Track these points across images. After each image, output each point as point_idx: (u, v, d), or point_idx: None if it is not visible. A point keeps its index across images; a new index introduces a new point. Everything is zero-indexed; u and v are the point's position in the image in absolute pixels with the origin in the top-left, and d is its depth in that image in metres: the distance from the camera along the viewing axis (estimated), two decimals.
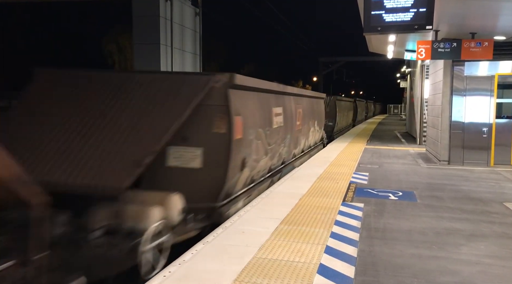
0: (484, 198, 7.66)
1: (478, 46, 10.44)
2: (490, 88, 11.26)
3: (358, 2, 8.97)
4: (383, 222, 6.00)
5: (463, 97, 11.48)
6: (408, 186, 8.62)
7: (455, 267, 4.35)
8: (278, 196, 7.38)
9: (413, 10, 7.53)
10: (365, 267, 4.32)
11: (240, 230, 5.37)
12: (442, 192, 8.09)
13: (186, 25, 18.64)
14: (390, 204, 7.09)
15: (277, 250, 4.67)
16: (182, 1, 18.14)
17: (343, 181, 8.94)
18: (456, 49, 10.55)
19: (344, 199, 7.27)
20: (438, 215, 6.44)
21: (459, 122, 11.56)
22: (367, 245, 4.97)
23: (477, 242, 5.17)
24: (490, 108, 11.30)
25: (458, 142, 11.60)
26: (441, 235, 5.44)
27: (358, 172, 10.12)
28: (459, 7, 8.66)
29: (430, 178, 9.63)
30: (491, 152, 11.38)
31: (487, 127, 11.34)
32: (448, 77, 11.59)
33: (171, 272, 4.03)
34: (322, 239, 5.08)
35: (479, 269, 4.32)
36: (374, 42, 14.64)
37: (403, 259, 4.58)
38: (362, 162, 11.91)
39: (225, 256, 4.47)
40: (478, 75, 11.33)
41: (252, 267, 4.19)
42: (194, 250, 4.64)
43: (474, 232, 5.61)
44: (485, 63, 11.19)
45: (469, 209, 6.85)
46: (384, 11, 7.71)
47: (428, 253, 4.76)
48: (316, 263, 4.32)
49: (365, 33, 8.12)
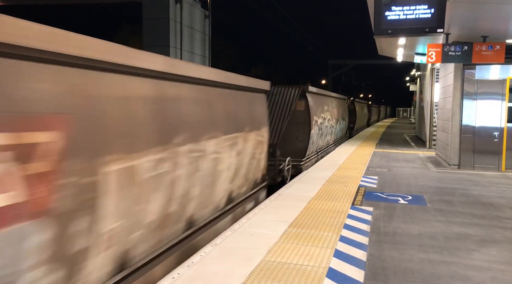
0: (495, 203, 7.56)
1: (489, 50, 10.34)
2: (501, 92, 11.15)
3: (369, 4, 8.93)
4: (393, 226, 5.95)
5: (474, 101, 11.37)
6: (418, 190, 8.55)
7: (466, 273, 4.30)
8: (287, 198, 7.36)
9: (424, 13, 7.49)
10: (374, 271, 4.28)
11: (249, 232, 5.36)
12: (452, 197, 8.01)
13: (195, 27, 18.71)
14: (399, 208, 7.04)
15: (285, 253, 4.65)
16: (191, 3, 18.24)
17: (352, 184, 8.89)
18: (467, 53, 10.47)
19: (353, 202, 7.22)
20: (449, 219, 6.37)
21: (470, 126, 11.45)
22: (376, 249, 4.93)
23: (489, 248, 5.10)
24: (501, 112, 11.18)
25: (468, 146, 11.49)
26: (452, 240, 5.37)
27: (367, 176, 10.06)
28: (471, 10, 8.59)
29: (440, 182, 9.54)
30: (502, 156, 11.26)
31: (498, 132, 11.22)
32: (458, 81, 11.50)
33: (180, 274, 4.03)
34: (331, 243, 5.04)
35: (490, 275, 4.26)
36: (384, 45, 14.56)
37: (413, 263, 4.53)
38: (371, 165, 11.84)
39: (233, 258, 4.46)
40: (489, 79, 11.23)
41: (260, 270, 4.17)
42: (202, 252, 4.63)
43: (485, 237, 5.53)
44: (497, 67, 11.08)
45: (480, 214, 6.77)
46: (395, 14, 7.67)
47: (438, 258, 4.70)
48: (325, 267, 4.29)
49: (375, 36, 8.09)
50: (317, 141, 14.36)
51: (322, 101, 15.19)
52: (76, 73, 3.31)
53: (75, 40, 3.20)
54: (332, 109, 17.94)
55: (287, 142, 12.50)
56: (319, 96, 14.84)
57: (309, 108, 12.91)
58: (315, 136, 13.72)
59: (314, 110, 13.40)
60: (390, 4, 7.65)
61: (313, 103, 13.41)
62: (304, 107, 12.78)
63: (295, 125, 12.69)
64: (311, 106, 13.11)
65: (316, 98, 14.26)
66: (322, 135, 15.17)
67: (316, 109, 13.79)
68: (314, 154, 14.25)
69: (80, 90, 3.33)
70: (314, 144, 13.72)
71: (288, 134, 12.42)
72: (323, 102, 15.39)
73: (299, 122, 12.76)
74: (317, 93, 14.41)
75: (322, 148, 15.84)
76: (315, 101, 13.87)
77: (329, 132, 17.05)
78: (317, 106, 14.13)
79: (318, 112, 14.24)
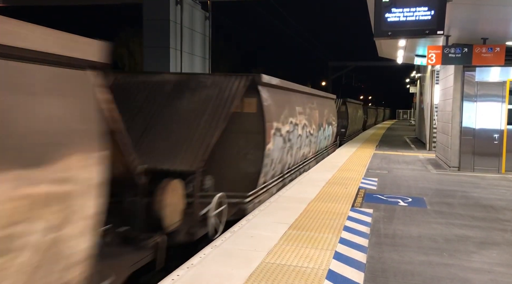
0: (495, 205, 7.55)
1: (489, 52, 10.36)
2: (501, 94, 11.16)
3: (369, 6, 8.94)
4: (393, 228, 5.94)
5: (474, 103, 11.37)
6: (418, 192, 8.54)
7: (466, 275, 4.29)
8: (287, 200, 7.35)
9: (424, 15, 7.49)
10: (374, 273, 4.27)
11: (249, 234, 5.35)
12: (452, 199, 8.00)
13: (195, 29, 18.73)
14: (399, 210, 7.03)
15: (285, 255, 4.64)
16: (192, 5, 18.26)
17: (352, 186, 8.88)
18: (467, 55, 10.48)
19: (353, 204, 7.22)
20: (449, 221, 6.36)
21: (470, 128, 11.45)
22: (376, 251, 4.92)
23: (489, 250, 5.09)
24: (501, 115, 11.18)
25: (468, 148, 11.48)
26: (452, 242, 5.36)
27: (367, 177, 10.05)
28: (471, 12, 8.60)
29: (440, 184, 9.53)
30: (502, 159, 11.25)
31: (498, 134, 11.22)
32: (458, 83, 11.50)
33: (179, 275, 4.02)
34: (331, 245, 5.03)
35: (491, 277, 4.25)
36: (384, 47, 14.58)
37: (413, 266, 4.52)
38: (371, 167, 11.84)
39: (233, 260, 4.45)
40: (489, 81, 11.23)
41: (260, 272, 4.17)
42: (202, 254, 4.62)
43: (485, 239, 5.52)
44: (497, 69, 11.09)
45: (480, 216, 6.76)
46: (395, 15, 7.67)
47: (438, 260, 4.70)
48: (325, 269, 4.28)
49: (375, 37, 8.09)
50: (281, 159, 9.25)
51: (290, 100, 10.12)
52: None
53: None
54: (312, 112, 12.70)
55: (225, 165, 7.57)
56: (284, 92, 9.60)
57: (263, 109, 7.75)
58: (276, 153, 8.65)
59: (273, 112, 8.34)
60: (390, 6, 7.65)
61: (271, 102, 8.33)
62: (256, 107, 7.74)
63: (240, 135, 7.68)
64: (267, 107, 7.95)
65: (279, 95, 9.07)
66: (291, 150, 10.07)
67: (277, 111, 8.70)
68: (276, 180, 9.04)
69: None
70: (274, 165, 8.67)
71: (227, 152, 7.54)
72: (292, 102, 10.29)
73: (246, 132, 7.72)
74: (280, 87, 9.24)
75: (293, 166, 10.77)
76: (276, 99, 8.78)
77: (305, 144, 11.89)
78: (280, 107, 9.00)
79: (283, 116, 9.15)
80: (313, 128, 12.88)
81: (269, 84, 8.38)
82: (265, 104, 7.85)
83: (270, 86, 8.51)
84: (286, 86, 9.85)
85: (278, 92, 9.11)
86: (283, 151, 9.24)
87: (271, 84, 8.52)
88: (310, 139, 12.56)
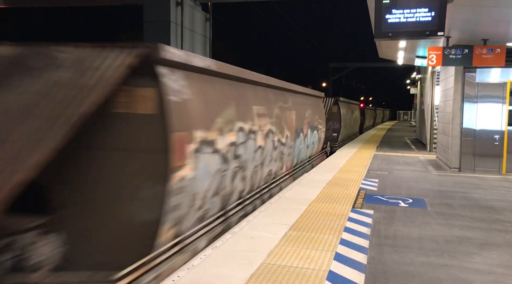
0: (496, 206, 7.55)
1: (490, 53, 10.36)
2: (502, 95, 11.16)
3: (369, 7, 8.95)
4: (393, 229, 5.94)
5: (475, 104, 11.37)
6: (419, 193, 8.54)
7: (467, 276, 4.28)
8: (287, 201, 7.35)
9: (425, 16, 7.49)
10: (375, 274, 4.27)
11: (249, 235, 5.35)
12: (453, 200, 7.99)
13: (196, 30, 18.75)
14: (400, 211, 7.02)
15: (286, 256, 4.64)
16: (192, 6, 18.28)
17: (352, 187, 8.88)
18: (467, 56, 10.48)
19: (354, 205, 7.21)
20: (449, 222, 6.36)
21: (471, 129, 11.45)
22: (377, 252, 4.92)
23: (490, 251, 5.09)
24: (502, 116, 11.18)
25: (469, 149, 11.48)
26: (452, 243, 5.36)
27: (367, 178, 10.05)
28: (471, 13, 8.60)
29: (440, 185, 9.52)
30: (503, 160, 11.25)
31: (499, 135, 11.22)
32: (459, 84, 11.50)
33: (180, 276, 4.02)
34: (331, 246, 5.03)
35: (492, 278, 4.25)
36: (385, 48, 14.59)
37: (414, 267, 4.52)
38: (372, 168, 11.83)
39: (233, 261, 4.45)
40: (490, 82, 11.23)
41: (261, 273, 4.16)
42: (202, 255, 4.62)
43: (486, 240, 5.52)
44: (497, 70, 11.09)
45: (481, 217, 6.75)
46: (395, 17, 7.68)
47: (439, 261, 4.69)
48: (325, 270, 4.28)
49: (375, 39, 8.09)
50: (221, 188, 5.89)
51: (241, 96, 6.89)
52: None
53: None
54: (285, 113, 9.49)
55: (95, 210, 4.40)
56: (226, 83, 6.27)
57: (168, 108, 4.39)
58: (206, 181, 5.35)
59: (194, 114, 5.01)
60: (391, 7, 7.66)
61: (192, 96, 5.06)
62: (155, 106, 4.39)
63: (126, 156, 4.39)
64: (179, 105, 4.65)
65: (213, 85, 5.75)
66: (242, 171, 6.73)
67: (206, 112, 5.41)
68: (209, 223, 5.63)
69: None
70: (202, 202, 5.30)
71: (99, 187, 4.40)
72: (246, 98, 7.09)
73: (137, 150, 4.37)
74: (215, 73, 5.84)
75: (251, 193, 7.41)
76: (206, 92, 5.51)
77: (273, 158, 8.61)
78: (215, 106, 5.68)
79: (221, 120, 5.81)
80: (286, 136, 9.62)
81: (184, 66, 4.91)
82: (173, 100, 4.51)
83: (189, 69, 5.07)
84: (231, 74, 6.34)
85: (211, 82, 5.71)
86: (221, 175, 5.82)
87: (190, 67, 5.06)
88: (281, 151, 9.27)
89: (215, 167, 5.59)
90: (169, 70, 4.61)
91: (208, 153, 5.34)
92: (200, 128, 5.12)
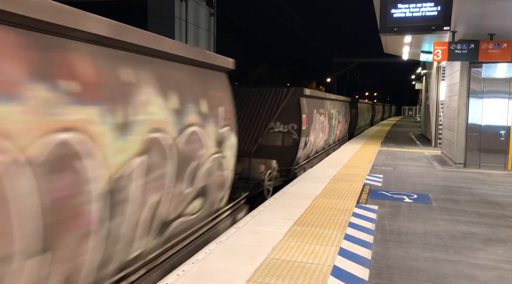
0: (501, 202, 7.52)
1: (496, 48, 10.27)
2: (508, 91, 11.08)
3: (375, 2, 8.89)
4: (398, 224, 5.93)
5: (480, 100, 11.30)
6: (423, 189, 8.51)
7: (472, 272, 4.27)
8: (292, 197, 7.35)
9: (430, 11, 7.44)
10: (379, 270, 4.27)
11: (253, 230, 5.36)
12: (458, 195, 7.97)
13: (200, 25, 18.72)
14: (404, 206, 7.01)
15: (290, 251, 4.65)
16: (197, 1, 18.24)
17: (357, 182, 8.87)
18: (473, 51, 10.40)
19: (358, 200, 7.21)
20: (454, 218, 6.34)
21: (476, 124, 11.39)
22: (381, 248, 4.91)
23: (495, 247, 5.07)
24: (508, 111, 11.11)
25: (474, 144, 11.42)
26: (457, 239, 5.35)
27: (372, 174, 10.03)
28: (478, 8, 8.53)
29: (445, 181, 9.49)
30: (508, 155, 11.18)
31: (505, 130, 11.15)
32: (465, 79, 11.43)
33: (184, 271, 4.04)
34: (336, 241, 5.03)
35: (497, 274, 4.23)
36: (390, 43, 14.51)
37: (418, 262, 4.51)
38: (377, 164, 11.81)
39: (238, 256, 4.46)
40: (496, 77, 11.14)
41: (265, 267, 4.17)
42: (207, 249, 4.64)
43: (491, 236, 5.50)
44: (504, 65, 11.00)
45: (486, 212, 6.73)
46: (401, 11, 7.63)
47: (443, 257, 4.68)
48: (330, 265, 4.28)
49: (381, 33, 8.06)
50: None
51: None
52: None
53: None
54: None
55: None
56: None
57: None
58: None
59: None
60: (396, 2, 7.61)
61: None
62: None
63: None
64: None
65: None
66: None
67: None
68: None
69: None
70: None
71: None
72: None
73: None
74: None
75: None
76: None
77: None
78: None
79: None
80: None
81: (309, 96, 13.43)
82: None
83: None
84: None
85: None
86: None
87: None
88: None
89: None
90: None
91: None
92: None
